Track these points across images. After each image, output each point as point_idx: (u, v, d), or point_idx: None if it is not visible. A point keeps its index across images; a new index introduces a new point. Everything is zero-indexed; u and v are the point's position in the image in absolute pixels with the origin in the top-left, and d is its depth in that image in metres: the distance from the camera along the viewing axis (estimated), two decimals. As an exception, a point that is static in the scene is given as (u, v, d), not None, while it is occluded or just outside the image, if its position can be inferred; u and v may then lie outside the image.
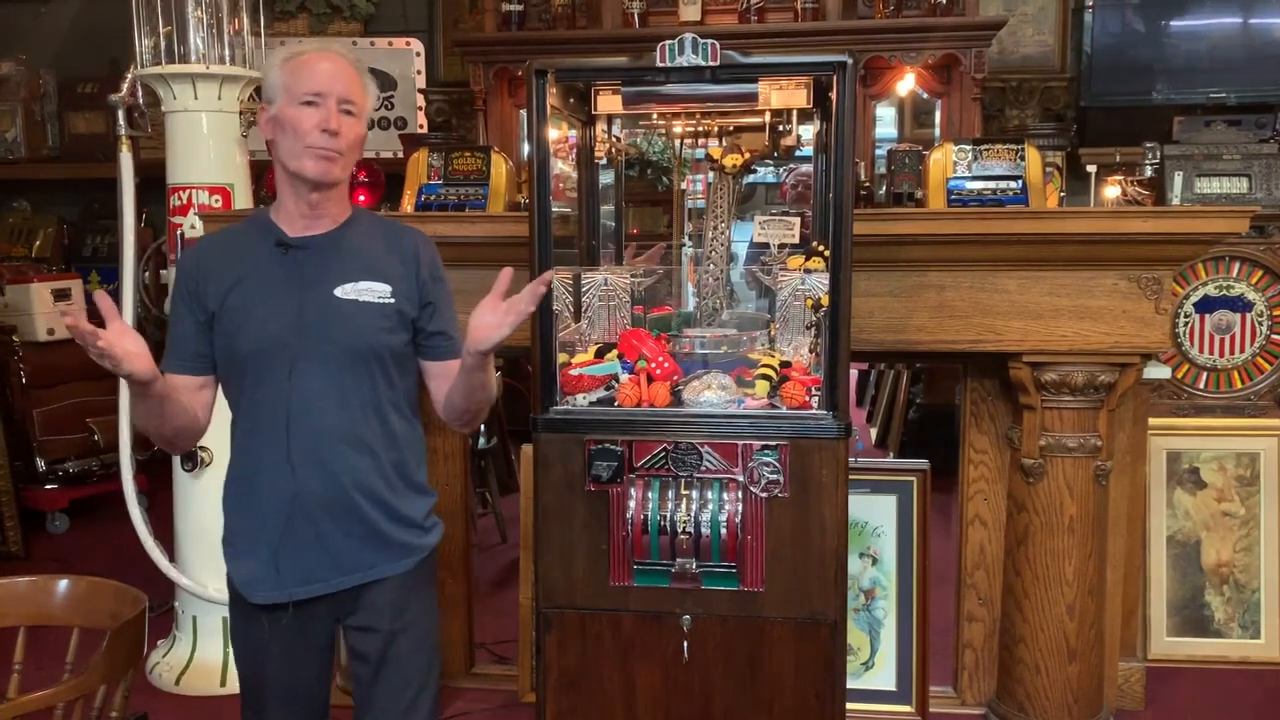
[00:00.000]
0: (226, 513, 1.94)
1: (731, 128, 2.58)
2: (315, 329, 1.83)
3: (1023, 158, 2.85)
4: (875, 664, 3.02)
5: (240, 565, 1.90)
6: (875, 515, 3.03)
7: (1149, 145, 3.83)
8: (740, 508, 1.99)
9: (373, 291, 1.86)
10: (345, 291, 1.85)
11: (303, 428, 1.83)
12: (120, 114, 3.32)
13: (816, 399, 2.03)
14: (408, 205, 3.05)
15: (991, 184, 2.83)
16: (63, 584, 2.06)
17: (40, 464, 4.91)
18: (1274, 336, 3.58)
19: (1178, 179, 3.63)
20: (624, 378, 2.12)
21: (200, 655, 3.36)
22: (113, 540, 4.39)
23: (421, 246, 1.96)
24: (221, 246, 1.96)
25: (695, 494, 2.01)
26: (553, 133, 2.16)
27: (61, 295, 5.03)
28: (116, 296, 3.15)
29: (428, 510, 1.99)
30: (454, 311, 1.99)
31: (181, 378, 1.88)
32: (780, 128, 2.44)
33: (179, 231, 3.27)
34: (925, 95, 5.57)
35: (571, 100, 2.33)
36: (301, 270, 1.85)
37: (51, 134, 6.62)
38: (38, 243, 6.51)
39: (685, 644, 2.04)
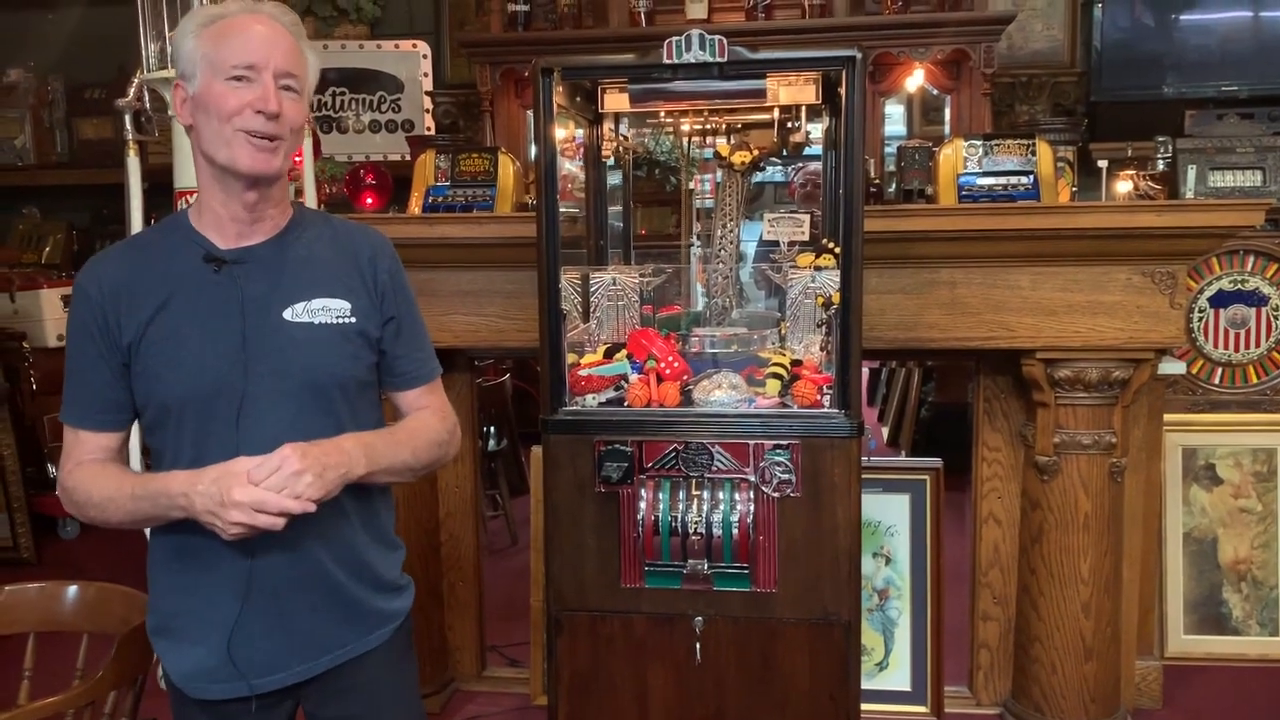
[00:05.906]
0: (159, 594, 1.64)
1: (739, 125, 2.56)
2: (264, 362, 1.53)
3: (1034, 153, 2.83)
4: (890, 664, 3.00)
5: (183, 655, 1.60)
6: (889, 514, 3.01)
7: (1161, 139, 3.81)
8: (752, 508, 1.97)
9: (329, 310, 1.58)
10: (296, 313, 1.56)
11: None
12: (127, 119, 3.32)
13: (828, 398, 2.01)
14: (415, 207, 3.04)
15: (1002, 180, 2.82)
16: (72, 590, 2.04)
17: (51, 470, 4.91)
18: (1289, 330, 3.55)
19: (1191, 173, 3.61)
20: (633, 378, 2.10)
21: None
22: (123, 546, 4.37)
23: (379, 249, 1.67)
24: (133, 263, 1.58)
25: (706, 494, 1.99)
26: (560, 132, 2.14)
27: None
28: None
29: (400, 567, 1.75)
30: (421, 327, 1.74)
31: (101, 436, 1.57)
32: (789, 125, 2.42)
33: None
34: (934, 91, 5.54)
35: (578, 99, 2.32)
36: (241, 290, 1.54)
37: (60, 140, 6.66)
38: (47, 249, 6.54)
39: (698, 645, 2.02)
